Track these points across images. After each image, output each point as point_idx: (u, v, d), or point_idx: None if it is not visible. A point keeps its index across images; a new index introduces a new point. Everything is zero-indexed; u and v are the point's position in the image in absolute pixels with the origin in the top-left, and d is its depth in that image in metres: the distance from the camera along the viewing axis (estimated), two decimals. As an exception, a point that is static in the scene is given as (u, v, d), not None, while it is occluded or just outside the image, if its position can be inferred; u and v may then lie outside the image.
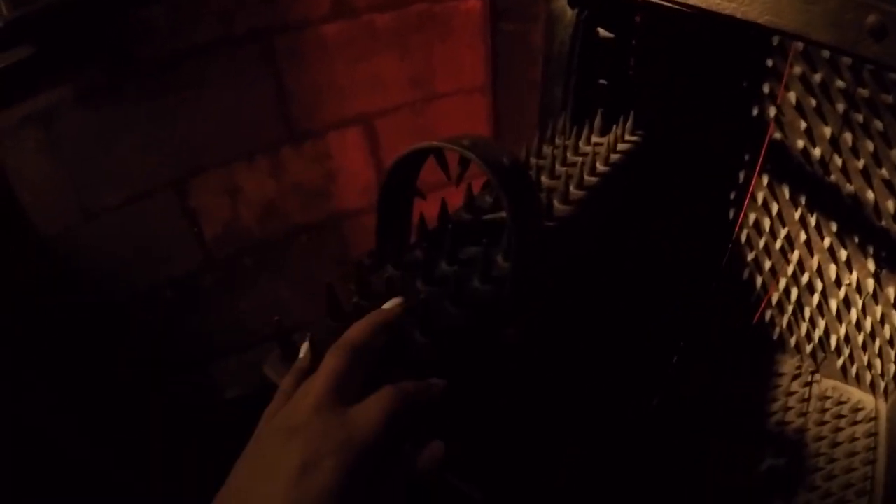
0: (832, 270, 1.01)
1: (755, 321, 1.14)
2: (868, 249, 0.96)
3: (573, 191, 0.74)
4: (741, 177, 1.06)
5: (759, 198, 1.04)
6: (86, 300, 1.32)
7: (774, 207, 1.03)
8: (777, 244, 1.05)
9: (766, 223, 1.05)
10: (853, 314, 1.02)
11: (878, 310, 0.98)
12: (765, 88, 0.97)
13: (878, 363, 1.01)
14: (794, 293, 1.07)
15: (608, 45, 0.89)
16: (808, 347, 1.10)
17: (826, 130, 0.92)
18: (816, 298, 1.05)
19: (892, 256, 0.94)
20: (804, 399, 1.07)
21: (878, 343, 1.00)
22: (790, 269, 1.06)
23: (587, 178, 0.76)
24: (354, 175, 1.64)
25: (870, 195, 0.92)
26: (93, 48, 1.22)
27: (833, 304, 1.03)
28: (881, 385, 1.03)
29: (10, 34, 1.09)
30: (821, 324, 1.06)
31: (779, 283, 1.09)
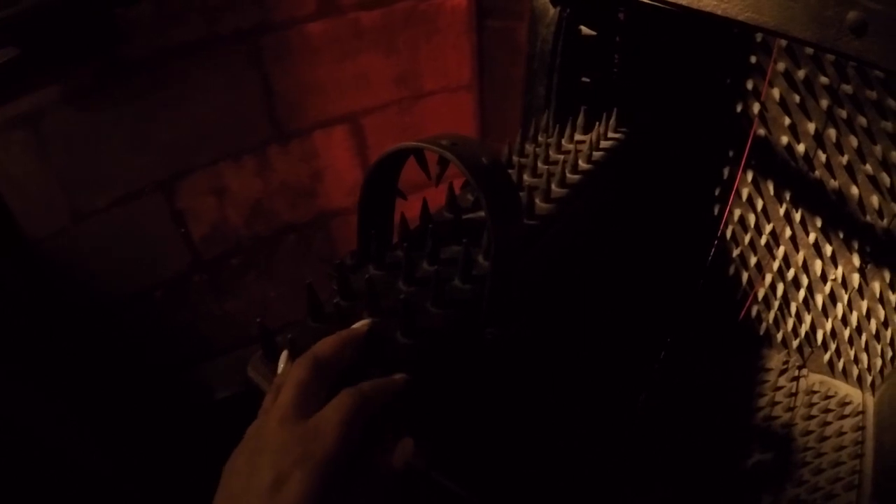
0: (818, 266, 1.01)
1: (741, 317, 1.14)
2: (853, 245, 0.97)
3: (555, 189, 0.73)
4: (726, 173, 1.06)
5: (744, 194, 1.04)
6: (74, 302, 1.31)
7: (759, 203, 1.03)
8: (762, 240, 1.05)
9: (752, 219, 1.05)
10: (839, 309, 1.02)
11: (864, 304, 0.99)
12: (749, 85, 0.97)
13: (865, 357, 1.02)
14: (780, 289, 1.07)
15: (591, 43, 0.89)
16: (795, 342, 1.10)
17: (810, 126, 0.93)
18: (802, 294, 1.05)
19: (877, 251, 0.95)
20: (791, 394, 1.07)
21: (865, 337, 1.01)
22: (776, 265, 1.06)
23: (569, 176, 0.76)
24: (341, 174, 1.64)
25: (854, 191, 0.93)
26: (79, 49, 1.21)
27: (819, 300, 1.04)
28: (868, 379, 1.03)
29: (-4, 35, 1.08)
30: (807, 319, 1.07)
31: (765, 279, 1.09)
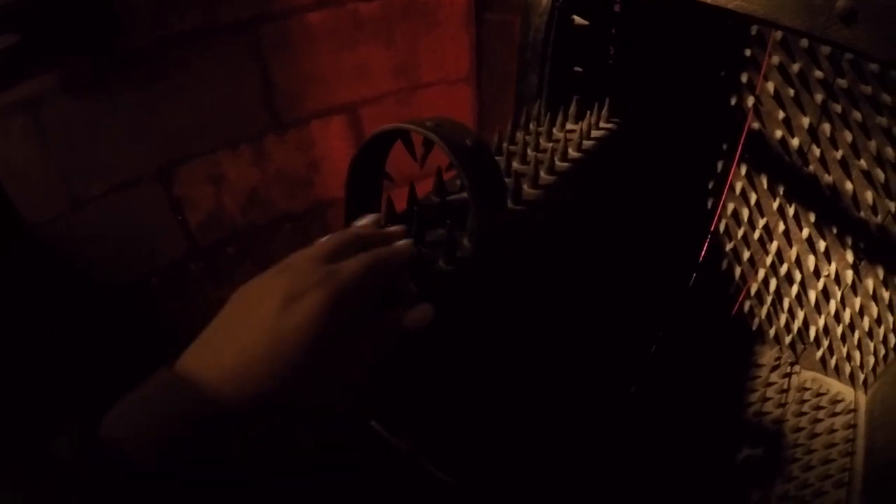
0: (811, 261, 1.01)
1: (734, 312, 1.14)
2: (847, 240, 0.96)
3: (543, 175, 0.73)
4: (719, 166, 1.05)
5: (738, 188, 1.04)
6: (72, 289, 1.32)
7: (753, 197, 1.03)
8: (756, 234, 1.05)
9: (745, 213, 1.05)
10: (832, 305, 1.02)
11: (857, 301, 0.98)
12: (743, 78, 0.96)
13: (858, 355, 1.01)
14: (773, 284, 1.07)
15: (584, 33, 0.89)
16: (788, 338, 1.10)
17: (804, 120, 0.92)
18: (795, 289, 1.05)
19: (871, 248, 0.94)
20: (783, 390, 1.06)
21: (858, 335, 1.00)
22: (769, 260, 1.06)
23: (558, 164, 0.76)
24: (338, 164, 1.64)
25: (848, 186, 0.92)
26: (77, 37, 1.21)
27: (812, 296, 1.03)
28: (860, 377, 1.03)
29: (-5, 22, 1.09)
30: (800, 315, 1.06)
31: (758, 274, 1.08)
